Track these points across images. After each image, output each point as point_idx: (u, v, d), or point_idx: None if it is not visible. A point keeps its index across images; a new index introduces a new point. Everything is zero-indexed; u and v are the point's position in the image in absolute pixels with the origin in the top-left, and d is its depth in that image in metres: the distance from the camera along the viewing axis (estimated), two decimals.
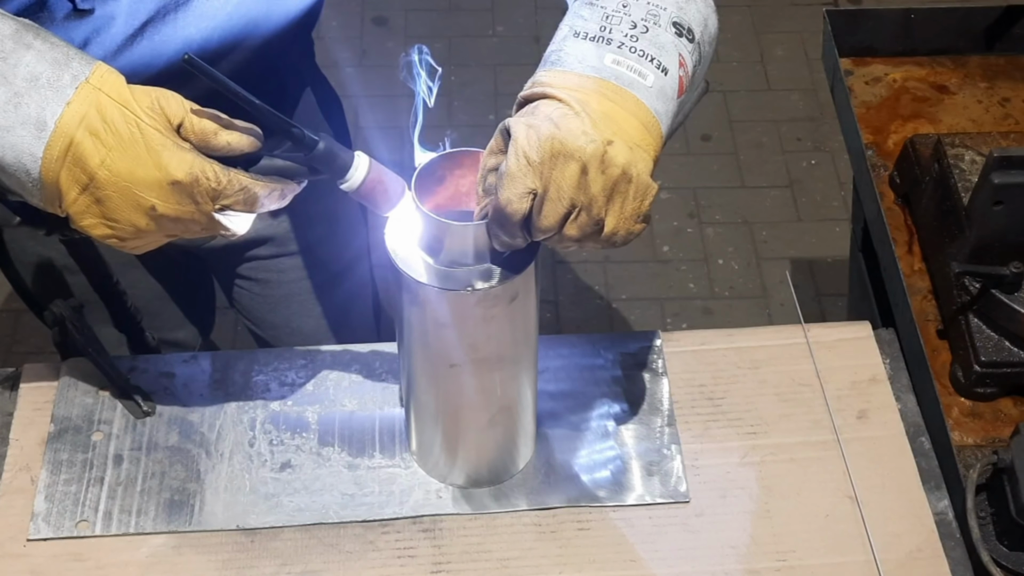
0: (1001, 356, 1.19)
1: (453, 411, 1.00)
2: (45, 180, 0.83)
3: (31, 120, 0.82)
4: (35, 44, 0.84)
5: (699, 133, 2.79)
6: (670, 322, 2.42)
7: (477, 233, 0.85)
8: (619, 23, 0.88)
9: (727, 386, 1.14)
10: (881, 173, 1.46)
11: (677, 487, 1.06)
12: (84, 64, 0.84)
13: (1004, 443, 1.15)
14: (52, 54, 0.83)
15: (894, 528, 1.04)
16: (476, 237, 0.86)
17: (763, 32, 3.03)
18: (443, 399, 0.99)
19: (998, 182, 1.12)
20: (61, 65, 0.83)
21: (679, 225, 2.60)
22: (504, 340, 0.93)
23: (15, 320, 2.40)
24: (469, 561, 1.02)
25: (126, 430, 1.09)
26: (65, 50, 0.84)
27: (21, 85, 0.82)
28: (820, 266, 2.51)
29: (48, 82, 0.82)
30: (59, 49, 0.84)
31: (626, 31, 0.87)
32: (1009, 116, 1.53)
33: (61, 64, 0.83)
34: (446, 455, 1.04)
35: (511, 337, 0.93)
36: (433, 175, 0.88)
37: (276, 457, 1.08)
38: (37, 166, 0.82)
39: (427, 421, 1.03)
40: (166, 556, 1.01)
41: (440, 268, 0.87)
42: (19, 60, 0.82)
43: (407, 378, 1.01)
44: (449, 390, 0.98)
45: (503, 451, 1.05)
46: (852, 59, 1.61)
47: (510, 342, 0.94)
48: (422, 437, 1.05)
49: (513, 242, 0.85)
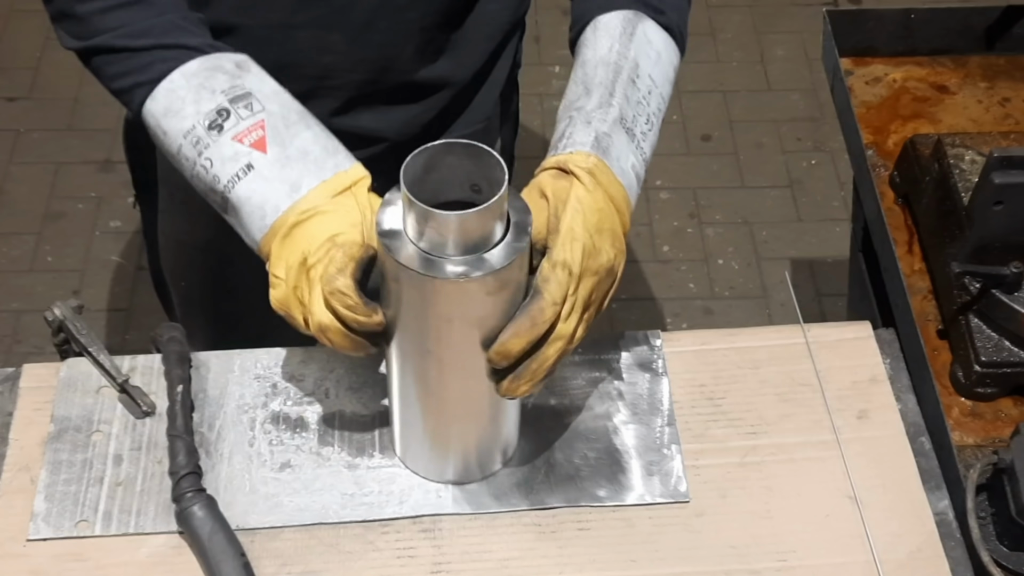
0: (1001, 356, 1.19)
1: (431, 400, 0.99)
2: (274, 227, 0.94)
3: (289, 180, 0.94)
4: (314, 127, 0.98)
5: (699, 133, 2.79)
6: (670, 322, 2.42)
7: (461, 222, 0.85)
8: (642, 113, 1.01)
9: (727, 386, 1.14)
10: (881, 173, 1.46)
11: (677, 487, 1.06)
12: (347, 159, 0.97)
13: (1004, 443, 1.15)
14: (324, 142, 0.97)
15: (894, 528, 1.04)
16: (461, 226, 0.86)
17: (763, 32, 3.03)
18: (420, 386, 0.98)
19: (998, 182, 1.12)
20: (330, 153, 0.97)
21: (679, 225, 2.60)
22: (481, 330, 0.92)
23: (15, 320, 2.40)
24: (469, 561, 1.02)
25: (126, 430, 1.09)
26: (336, 144, 0.98)
27: (293, 153, 0.95)
28: (820, 266, 2.51)
29: (315, 160, 0.95)
30: (331, 141, 0.98)
31: (643, 128, 1.01)
32: (1009, 116, 1.53)
33: (330, 152, 0.97)
34: (425, 447, 1.04)
35: (490, 326, 0.93)
36: (424, 163, 0.89)
37: (276, 457, 1.08)
38: (276, 216, 0.94)
39: (408, 414, 1.02)
40: (166, 556, 1.01)
41: (424, 254, 0.87)
42: (297, 133, 0.96)
43: (388, 365, 1.01)
44: (425, 376, 0.97)
45: (482, 443, 1.04)
46: (852, 59, 1.61)
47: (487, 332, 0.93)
48: (404, 430, 1.05)
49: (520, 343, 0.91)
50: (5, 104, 2.82)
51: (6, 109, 2.80)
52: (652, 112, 1.03)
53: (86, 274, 2.49)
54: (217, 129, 0.95)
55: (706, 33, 3.03)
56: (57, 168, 2.68)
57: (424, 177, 0.89)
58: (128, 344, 2.34)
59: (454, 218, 0.85)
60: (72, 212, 2.59)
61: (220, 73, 0.98)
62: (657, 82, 1.05)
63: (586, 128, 0.99)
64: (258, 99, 0.97)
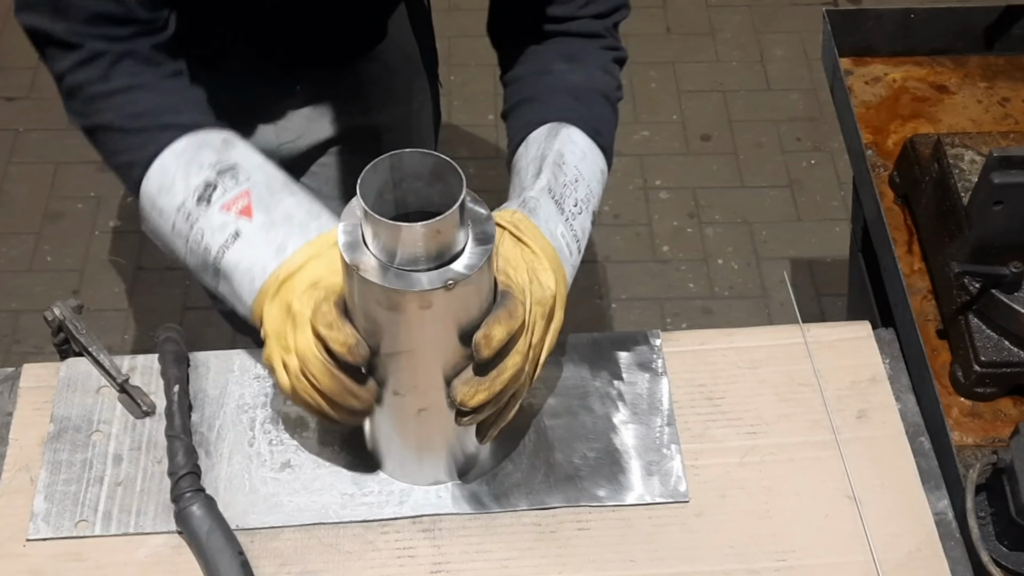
0: (1001, 356, 1.19)
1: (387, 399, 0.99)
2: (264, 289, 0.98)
3: (275, 244, 0.98)
4: (297, 194, 1.03)
5: (699, 133, 2.79)
6: (670, 322, 2.42)
7: (412, 234, 0.85)
8: (569, 195, 1.07)
9: (727, 386, 1.14)
10: (881, 173, 1.46)
11: (677, 487, 1.06)
12: (330, 221, 1.01)
13: (1004, 443, 1.15)
14: (308, 206, 1.02)
15: (894, 528, 1.04)
16: (410, 238, 0.85)
17: (763, 32, 3.03)
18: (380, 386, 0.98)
19: (998, 182, 1.12)
20: (313, 216, 1.01)
21: (679, 225, 2.60)
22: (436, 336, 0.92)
23: (15, 320, 2.40)
24: (469, 561, 1.02)
25: (125, 430, 1.09)
26: (319, 208, 1.03)
27: (278, 218, 1.00)
28: (820, 266, 2.51)
29: (299, 223, 1.00)
30: (315, 205, 1.03)
31: (571, 208, 1.06)
32: (1009, 116, 1.53)
33: (313, 215, 1.01)
34: (399, 449, 1.04)
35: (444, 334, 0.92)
36: (380, 175, 0.88)
37: (276, 457, 1.08)
38: (264, 278, 0.98)
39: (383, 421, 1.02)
40: (166, 556, 1.01)
41: (382, 265, 0.87)
42: (282, 200, 1.01)
43: None
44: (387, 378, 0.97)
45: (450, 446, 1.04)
46: (852, 59, 1.61)
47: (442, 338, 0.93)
48: (378, 437, 1.05)
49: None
50: (4, 104, 2.82)
51: (5, 109, 2.80)
52: (580, 198, 1.07)
53: (85, 274, 2.49)
54: (206, 201, 1.00)
55: (705, 33, 3.03)
56: (56, 168, 2.67)
57: (382, 190, 0.89)
58: (128, 344, 2.34)
59: (419, 228, 0.84)
60: (71, 212, 2.59)
61: (207, 149, 1.03)
62: (584, 174, 1.09)
63: (516, 199, 1.05)
64: (243, 170, 1.02)
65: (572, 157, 1.09)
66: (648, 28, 3.03)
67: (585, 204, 1.08)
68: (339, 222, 0.90)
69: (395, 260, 0.87)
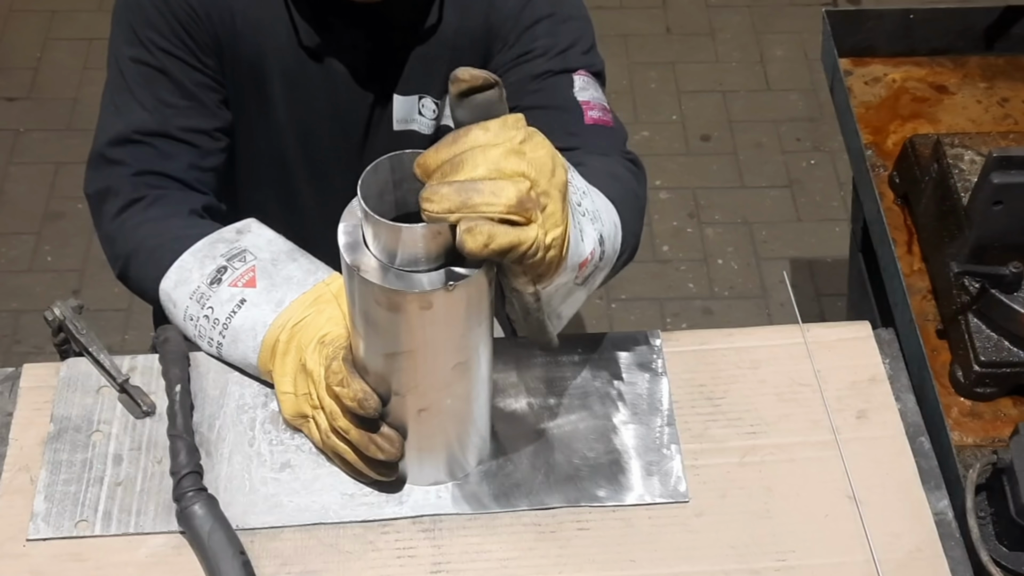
0: (1000, 356, 1.19)
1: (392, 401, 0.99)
2: (265, 342, 1.05)
3: (275, 300, 1.06)
4: (300, 260, 1.09)
5: (698, 133, 2.79)
6: (670, 322, 2.42)
7: (412, 235, 0.85)
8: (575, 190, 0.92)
9: (727, 386, 1.14)
10: (880, 173, 1.47)
11: (677, 487, 1.06)
12: (327, 273, 1.08)
13: (1004, 443, 1.15)
14: (308, 266, 1.09)
15: (894, 528, 1.04)
16: (411, 239, 0.85)
17: (763, 32, 3.03)
18: (379, 386, 0.98)
19: (997, 182, 1.12)
20: (311, 272, 1.08)
21: (679, 225, 2.60)
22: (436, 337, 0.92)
23: (15, 320, 2.40)
24: (469, 561, 1.02)
25: (125, 430, 1.09)
26: (319, 265, 1.09)
27: (279, 281, 1.07)
28: (820, 266, 2.51)
29: (298, 282, 1.07)
30: (315, 264, 1.10)
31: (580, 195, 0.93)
32: (1008, 116, 1.53)
33: (311, 272, 1.08)
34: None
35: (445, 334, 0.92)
36: (381, 176, 0.88)
37: (276, 457, 1.08)
38: (265, 331, 1.05)
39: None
40: (166, 556, 1.01)
41: (382, 266, 0.87)
42: (284, 267, 1.08)
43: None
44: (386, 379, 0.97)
45: (450, 446, 1.04)
46: (851, 59, 1.61)
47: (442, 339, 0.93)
48: None
49: None
50: (5, 104, 2.82)
51: (6, 109, 2.80)
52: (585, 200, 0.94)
53: (86, 274, 2.49)
54: (216, 283, 1.08)
55: (705, 33, 3.03)
56: (57, 168, 2.68)
57: (383, 191, 0.89)
58: (128, 344, 2.34)
59: (419, 229, 0.84)
60: (72, 212, 2.59)
61: (221, 243, 1.11)
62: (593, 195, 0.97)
63: None
64: (251, 251, 1.10)
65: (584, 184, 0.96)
66: (648, 28, 3.03)
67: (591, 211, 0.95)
68: (340, 222, 0.90)
69: (395, 261, 0.87)
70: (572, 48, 1.24)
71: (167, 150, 1.23)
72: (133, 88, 1.23)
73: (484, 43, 1.27)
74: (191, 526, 1.00)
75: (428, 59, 1.28)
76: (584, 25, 1.27)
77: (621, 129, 1.25)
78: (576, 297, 0.99)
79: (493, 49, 1.27)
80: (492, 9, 1.26)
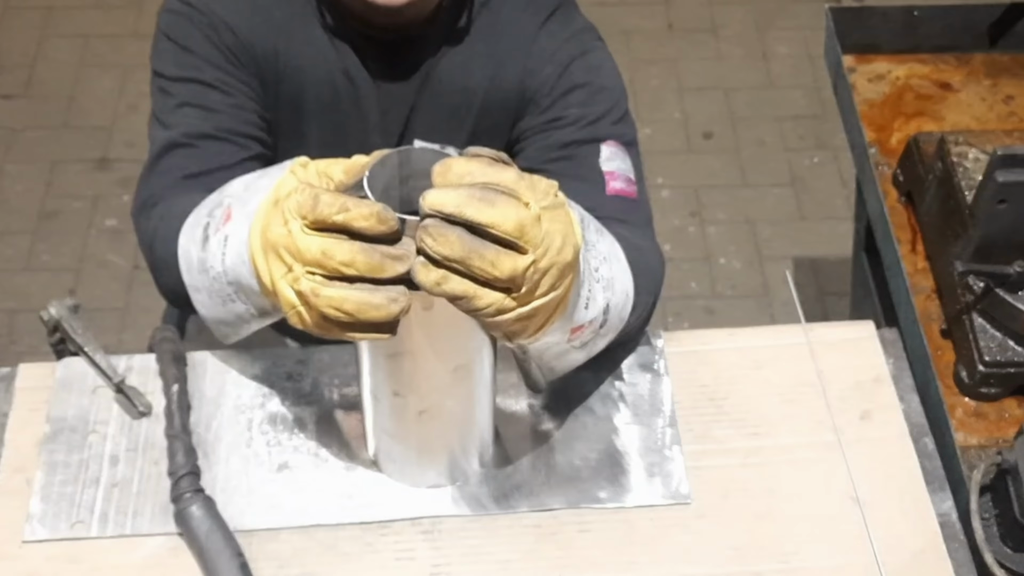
0: (1005, 356, 1.19)
1: (388, 400, 0.98)
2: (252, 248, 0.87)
3: (248, 214, 0.90)
4: (272, 172, 0.95)
5: (701, 131, 2.78)
6: (671, 322, 2.41)
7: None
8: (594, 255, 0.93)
9: (729, 386, 1.13)
10: (884, 171, 1.46)
11: (679, 488, 1.06)
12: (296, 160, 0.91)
13: (1008, 444, 1.15)
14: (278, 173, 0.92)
15: (897, 529, 1.04)
16: None
17: (765, 29, 3.02)
18: (380, 387, 0.97)
19: (1002, 180, 1.11)
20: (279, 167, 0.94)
21: (680, 224, 2.59)
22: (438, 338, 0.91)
23: (10, 320, 2.40)
24: (469, 563, 1.01)
25: (122, 431, 1.08)
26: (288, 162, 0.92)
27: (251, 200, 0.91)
28: (823, 265, 2.50)
29: (265, 187, 0.90)
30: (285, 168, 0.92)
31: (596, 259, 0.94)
32: (1013, 114, 1.52)
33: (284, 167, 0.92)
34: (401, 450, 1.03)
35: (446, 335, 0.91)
36: (388, 170, 0.87)
37: (273, 458, 1.07)
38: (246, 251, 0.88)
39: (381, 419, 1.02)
40: (162, 558, 1.01)
41: None
42: (255, 186, 0.94)
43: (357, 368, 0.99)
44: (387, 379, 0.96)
45: (451, 448, 1.03)
46: (855, 56, 1.60)
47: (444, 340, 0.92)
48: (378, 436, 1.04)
49: None
50: (0, 102, 2.81)
51: (1, 107, 2.79)
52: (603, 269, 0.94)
53: (82, 273, 2.48)
54: (205, 241, 0.96)
55: (708, 30, 3.02)
56: (52, 166, 2.67)
57: (389, 186, 0.88)
58: (124, 344, 2.34)
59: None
60: (67, 210, 2.58)
61: (203, 206, 1.00)
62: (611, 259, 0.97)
63: None
64: (228, 195, 0.97)
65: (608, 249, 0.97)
66: (650, 25, 3.02)
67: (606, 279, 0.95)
68: None
69: None
70: (603, 119, 1.23)
71: (213, 149, 1.19)
72: (179, 101, 1.21)
73: (516, 105, 1.26)
74: (188, 527, 0.99)
75: (458, 113, 1.28)
76: (618, 95, 1.26)
77: (645, 205, 1.22)
78: (572, 358, 1.00)
79: (524, 111, 1.26)
80: (527, 73, 1.25)
